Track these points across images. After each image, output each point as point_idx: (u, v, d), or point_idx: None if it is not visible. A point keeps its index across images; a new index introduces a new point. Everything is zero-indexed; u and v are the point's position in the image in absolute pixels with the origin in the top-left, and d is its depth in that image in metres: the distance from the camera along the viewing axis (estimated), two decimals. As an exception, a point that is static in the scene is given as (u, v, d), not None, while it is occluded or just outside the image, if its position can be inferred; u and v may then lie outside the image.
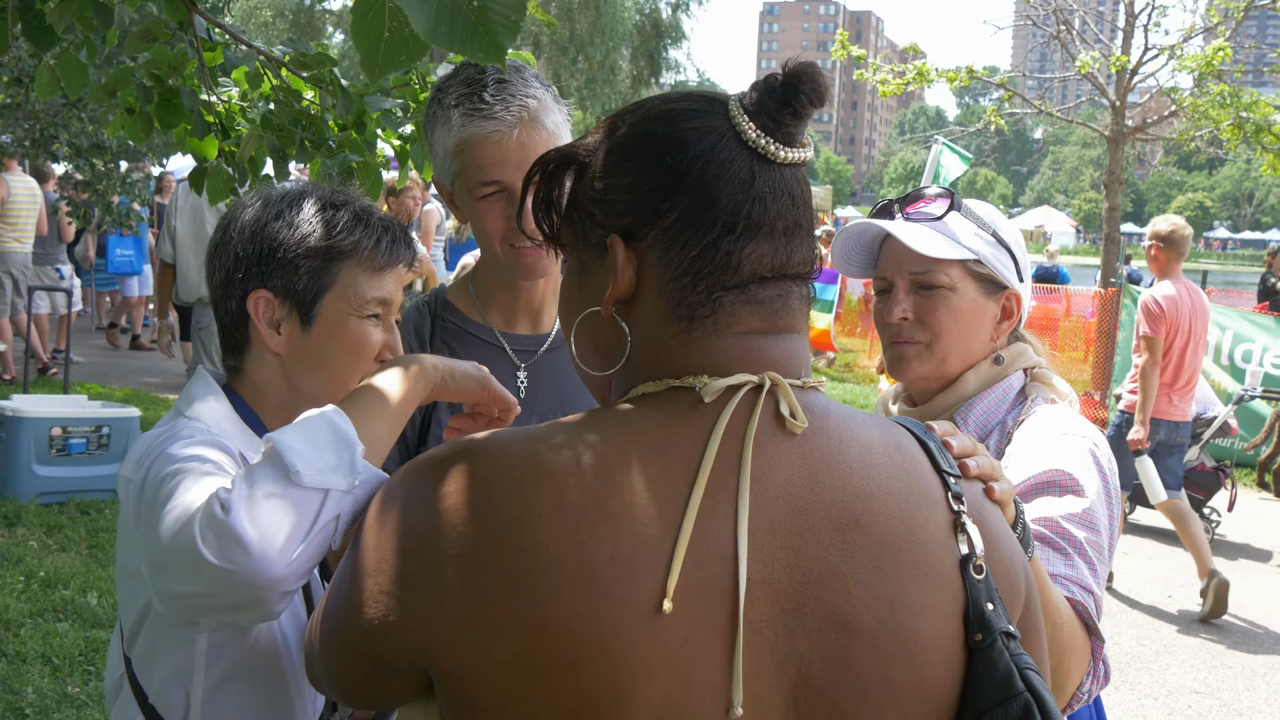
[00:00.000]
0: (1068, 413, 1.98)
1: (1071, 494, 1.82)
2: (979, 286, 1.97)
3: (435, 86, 2.09)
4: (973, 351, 2.00)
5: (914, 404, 2.09)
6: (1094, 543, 1.79)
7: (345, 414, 1.43)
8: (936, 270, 1.94)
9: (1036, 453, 1.88)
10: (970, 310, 1.97)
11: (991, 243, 1.98)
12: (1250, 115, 14.10)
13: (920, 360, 1.99)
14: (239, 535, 1.28)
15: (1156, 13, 15.85)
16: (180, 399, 1.80)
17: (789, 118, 1.16)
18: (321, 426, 1.39)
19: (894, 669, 1.08)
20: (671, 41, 37.23)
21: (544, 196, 1.24)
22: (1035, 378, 2.05)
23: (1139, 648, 6.24)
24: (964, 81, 15.57)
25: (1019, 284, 2.02)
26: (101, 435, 7.16)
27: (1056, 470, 1.85)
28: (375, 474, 1.40)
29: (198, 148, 3.06)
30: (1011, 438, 1.96)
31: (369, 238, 1.77)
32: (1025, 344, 2.09)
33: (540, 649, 1.01)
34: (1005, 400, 2.01)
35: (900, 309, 1.97)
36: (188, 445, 1.59)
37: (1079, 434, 1.92)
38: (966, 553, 1.14)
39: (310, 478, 1.33)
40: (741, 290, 1.15)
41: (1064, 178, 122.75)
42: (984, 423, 2.00)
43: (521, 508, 1.04)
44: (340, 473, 1.36)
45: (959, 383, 2.01)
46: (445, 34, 1.22)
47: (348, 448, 1.38)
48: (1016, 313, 2.03)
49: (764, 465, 1.10)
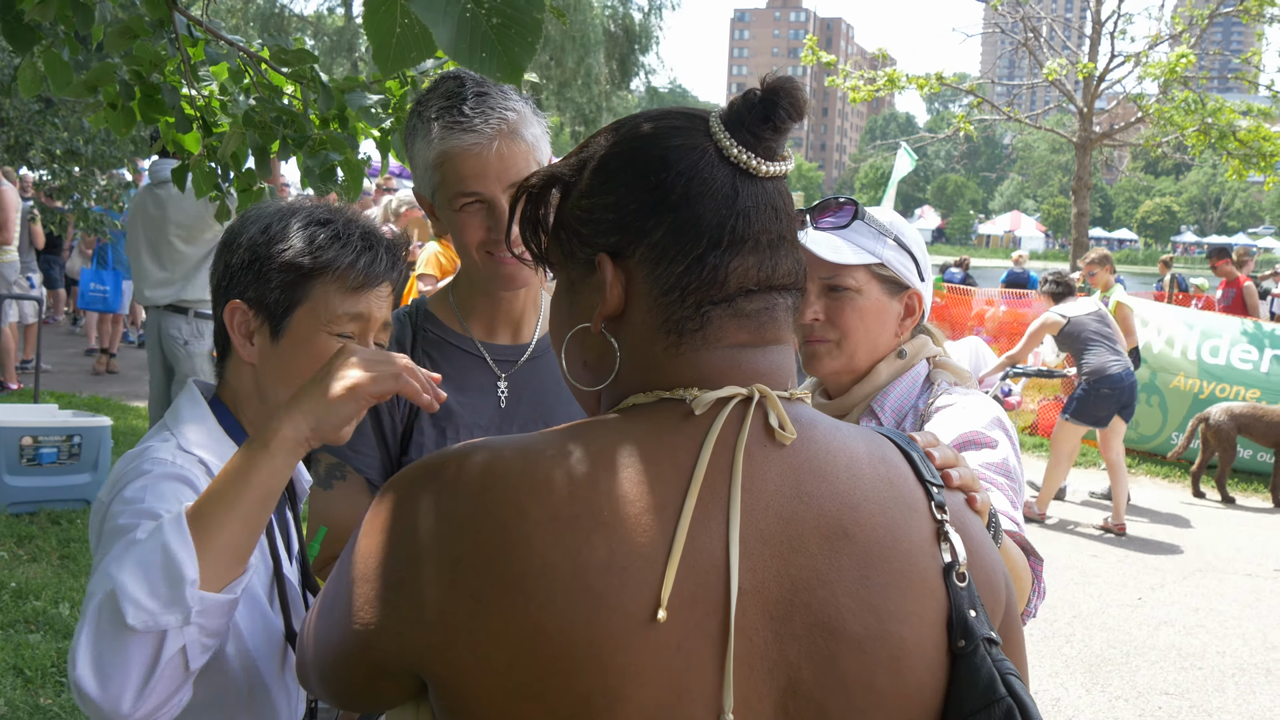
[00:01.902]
0: (972, 393, 2.18)
1: (987, 448, 2.02)
2: (883, 287, 2.15)
3: (416, 100, 2.12)
4: (879, 346, 2.18)
5: (829, 396, 2.26)
6: (1012, 487, 2.00)
7: (188, 528, 1.39)
8: (843, 274, 2.12)
9: (949, 422, 2.07)
10: (875, 309, 2.15)
11: (894, 247, 2.15)
12: (1214, 121, 14.30)
13: (831, 357, 2.16)
14: (85, 692, 1.33)
15: (1123, 20, 16.05)
16: (169, 411, 1.84)
17: (769, 132, 1.18)
18: (155, 556, 1.37)
19: (880, 675, 1.10)
20: (643, 48, 37.34)
21: (530, 216, 1.26)
22: (938, 365, 2.25)
23: (1109, 650, 6.29)
24: (934, 88, 15.71)
25: (920, 283, 2.20)
26: (73, 444, 7.09)
27: (971, 431, 2.04)
28: (215, 601, 1.39)
29: (181, 142, 3.07)
30: (926, 418, 2.14)
31: (345, 256, 1.78)
32: (926, 336, 2.29)
33: (535, 654, 1.02)
34: (914, 387, 2.20)
35: (812, 311, 2.14)
36: (143, 487, 1.61)
37: (983, 406, 2.12)
38: (950, 561, 1.17)
39: (142, 622, 1.33)
40: (729, 304, 1.17)
41: (1033, 183, 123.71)
42: (899, 409, 2.17)
43: (517, 516, 1.05)
44: (173, 609, 1.35)
45: (871, 375, 2.18)
46: (466, 51, 1.25)
47: (179, 582, 1.35)
48: (918, 309, 2.21)
49: (754, 476, 1.12)
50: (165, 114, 2.89)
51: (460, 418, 2.13)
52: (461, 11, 1.26)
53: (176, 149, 3.05)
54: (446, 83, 2.06)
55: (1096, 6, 15.76)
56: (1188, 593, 7.41)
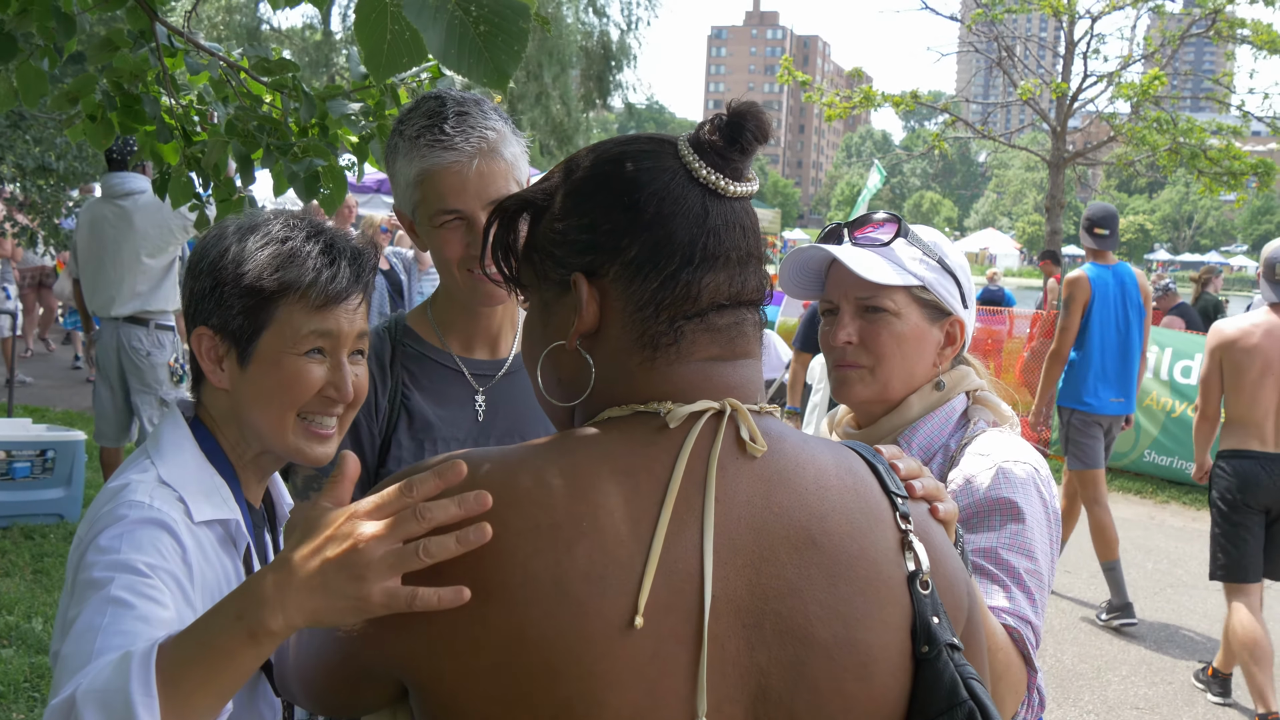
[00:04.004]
0: (1010, 437, 2.02)
1: (1013, 521, 1.86)
2: (923, 312, 2.01)
3: (397, 119, 2.13)
4: (915, 376, 2.03)
5: (859, 427, 2.12)
6: (1032, 571, 1.83)
7: (156, 684, 1.23)
8: (881, 295, 1.98)
9: (979, 479, 1.92)
10: (914, 335, 2.00)
11: (936, 269, 2.01)
12: (1186, 140, 14.47)
13: (863, 384, 2.02)
14: None
15: (1096, 40, 16.23)
16: (150, 436, 1.81)
17: (736, 154, 1.23)
18: (120, 707, 1.23)
19: (848, 680, 1.14)
20: (619, 65, 37.45)
21: (502, 240, 1.29)
22: (978, 400, 2.08)
23: (1080, 664, 6.34)
24: (909, 106, 15.84)
25: (963, 310, 2.05)
26: (46, 459, 7.04)
27: (999, 498, 1.88)
28: None
29: (160, 153, 3.08)
30: (955, 461, 1.99)
31: (305, 275, 1.72)
32: (968, 367, 2.12)
33: (517, 661, 1.06)
34: (948, 424, 2.04)
35: (845, 332, 2.00)
36: (119, 536, 1.56)
37: (1020, 460, 1.95)
38: (913, 569, 1.21)
39: None
40: (701, 318, 1.21)
41: (1008, 200, 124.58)
42: (927, 446, 2.02)
43: (500, 527, 1.08)
44: None
45: (902, 406, 2.03)
46: (455, 56, 1.29)
47: None
48: (960, 338, 2.06)
49: (726, 487, 1.15)
50: (145, 124, 2.90)
51: (438, 430, 2.16)
52: (450, 18, 1.29)
53: (155, 159, 3.06)
54: (428, 102, 2.08)
55: (1069, 27, 15.93)
56: (1159, 607, 7.48)
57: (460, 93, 2.10)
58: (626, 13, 37.83)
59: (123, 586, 1.48)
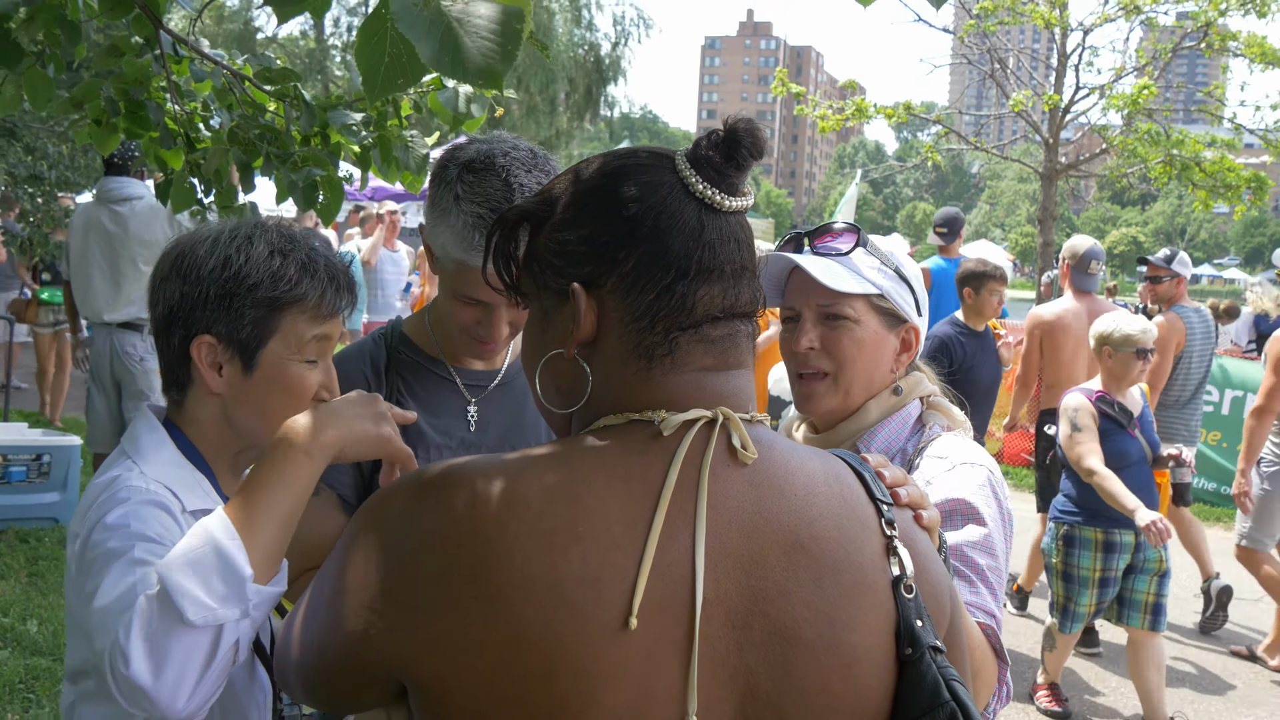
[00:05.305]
0: (964, 441, 2.08)
1: (973, 522, 1.93)
2: (881, 319, 2.07)
3: (460, 169, 2.06)
4: (874, 382, 2.09)
5: (816, 431, 2.17)
6: (994, 568, 1.90)
7: (235, 529, 1.44)
8: (842, 303, 2.03)
9: (939, 482, 1.98)
10: (873, 341, 2.06)
11: (894, 278, 2.07)
12: (1179, 152, 14.51)
13: (828, 395, 2.08)
14: (141, 687, 1.36)
15: (1088, 53, 16.28)
16: (125, 438, 1.83)
17: (731, 170, 1.26)
18: (209, 557, 1.41)
19: (833, 680, 1.17)
20: (611, 77, 37.50)
21: (503, 251, 1.32)
22: (931, 405, 2.15)
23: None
24: (901, 118, 15.87)
25: (918, 318, 2.12)
26: (42, 463, 7.07)
27: (957, 499, 1.94)
28: (268, 594, 1.45)
29: (164, 158, 3.11)
30: (913, 464, 2.05)
31: (315, 289, 1.81)
32: (921, 373, 2.19)
33: (514, 661, 1.08)
34: (905, 428, 2.10)
35: (807, 338, 2.06)
36: (125, 514, 1.63)
37: (976, 463, 2.02)
38: (898, 574, 1.25)
39: (202, 617, 1.37)
40: (695, 330, 1.24)
41: (1001, 212, 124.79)
42: (885, 450, 2.07)
43: (498, 531, 1.11)
44: (231, 603, 1.40)
45: (860, 412, 2.09)
46: (449, 63, 1.31)
47: (237, 580, 1.41)
48: (915, 345, 2.13)
49: (718, 493, 1.18)
50: (149, 130, 2.93)
51: (430, 439, 2.17)
52: (445, 30, 1.32)
53: (159, 165, 3.09)
54: (494, 182, 2.02)
55: (1062, 39, 15.99)
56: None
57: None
58: (619, 27, 37.76)
59: (145, 551, 1.55)
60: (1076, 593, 5.47)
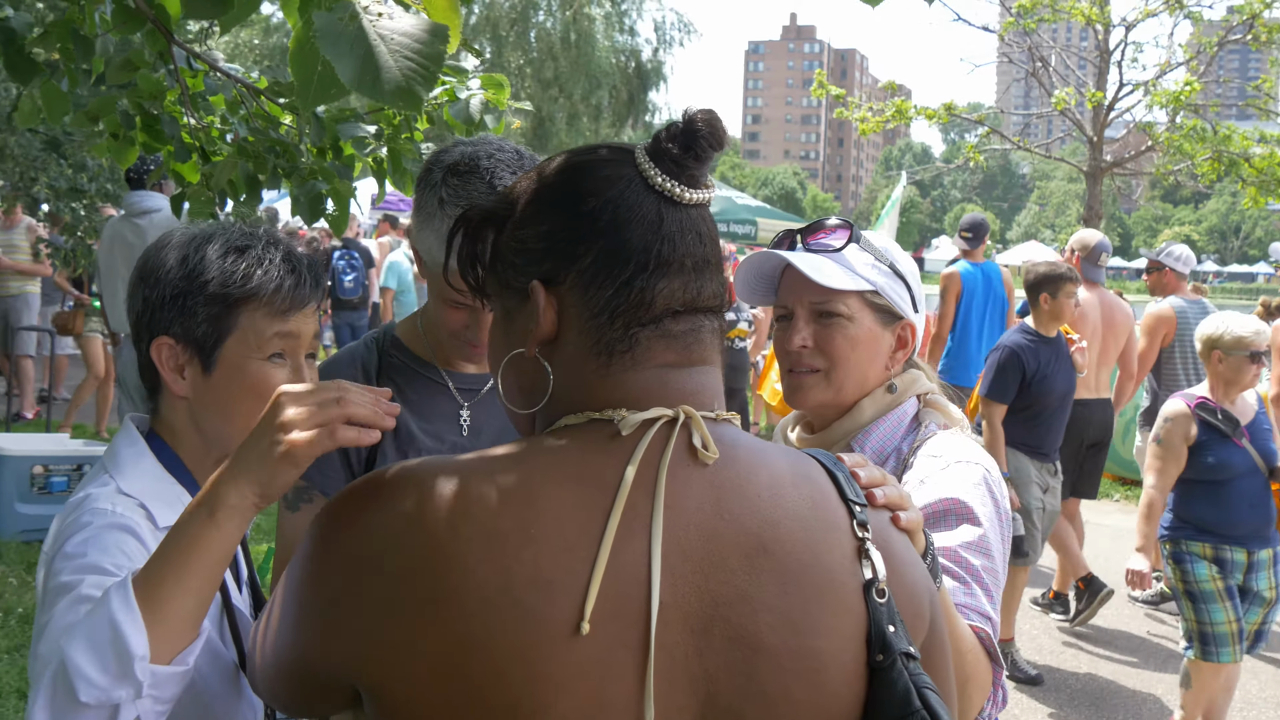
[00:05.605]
0: (961, 439, 2.04)
1: (968, 522, 1.88)
2: (876, 316, 2.03)
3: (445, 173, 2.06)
4: (868, 379, 2.05)
5: (813, 430, 2.14)
6: (989, 569, 1.85)
7: (136, 602, 1.32)
8: (835, 300, 2.00)
9: (933, 481, 1.94)
10: (867, 339, 2.03)
11: (888, 274, 2.04)
12: (1226, 148, 14.29)
13: (819, 389, 2.04)
14: None
15: (1132, 48, 16.09)
16: (106, 453, 1.81)
17: (691, 161, 1.24)
18: (103, 631, 1.31)
19: (798, 687, 1.13)
20: (653, 82, 37.57)
21: (468, 251, 1.31)
22: (928, 404, 2.11)
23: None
24: (942, 119, 15.77)
25: (914, 314, 2.08)
26: (82, 473, 7.16)
27: (952, 499, 1.90)
28: (166, 674, 1.34)
29: (181, 171, 3.15)
30: (908, 463, 2.01)
31: (270, 283, 1.76)
32: (918, 371, 2.15)
33: (465, 665, 1.06)
34: (900, 426, 2.07)
35: (800, 336, 2.03)
36: (85, 541, 1.58)
37: (972, 461, 1.97)
38: (870, 577, 1.20)
39: (94, 697, 1.30)
40: (656, 325, 1.22)
41: (1051, 212, 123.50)
42: (881, 449, 2.04)
43: (450, 534, 1.09)
44: (125, 685, 1.31)
45: (855, 410, 2.06)
46: (370, 84, 1.31)
47: (127, 659, 1.30)
48: (911, 342, 2.09)
49: (677, 494, 1.15)
50: (166, 143, 2.97)
51: (423, 443, 2.15)
52: (366, 51, 1.33)
53: (175, 177, 3.13)
54: (477, 185, 2.03)
55: (1104, 35, 15.82)
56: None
57: None
58: (660, 32, 37.82)
59: (92, 586, 1.50)
60: (1206, 611, 4.92)
